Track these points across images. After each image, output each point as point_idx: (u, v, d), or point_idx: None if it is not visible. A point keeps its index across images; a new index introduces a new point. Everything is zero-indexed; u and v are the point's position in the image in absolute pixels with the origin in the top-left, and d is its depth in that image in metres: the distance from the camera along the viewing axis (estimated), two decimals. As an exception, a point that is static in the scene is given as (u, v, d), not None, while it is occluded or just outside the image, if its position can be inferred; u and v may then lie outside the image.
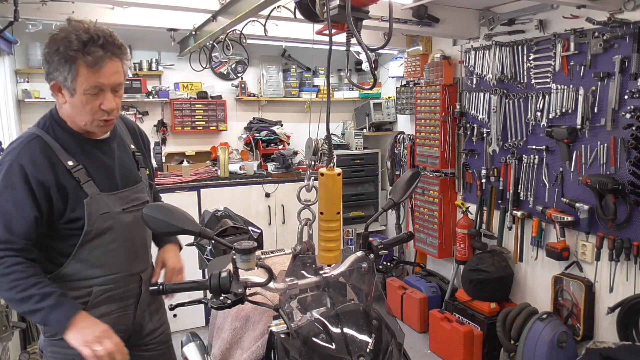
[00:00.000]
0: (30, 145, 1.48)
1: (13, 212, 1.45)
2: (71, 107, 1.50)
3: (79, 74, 1.42)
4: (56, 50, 1.42)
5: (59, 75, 1.44)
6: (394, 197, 1.68)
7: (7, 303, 1.47)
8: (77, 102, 1.47)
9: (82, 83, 1.43)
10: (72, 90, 1.45)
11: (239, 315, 1.80)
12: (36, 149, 1.48)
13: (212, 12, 2.92)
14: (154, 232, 1.40)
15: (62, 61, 1.42)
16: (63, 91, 1.47)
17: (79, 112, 1.50)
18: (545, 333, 2.81)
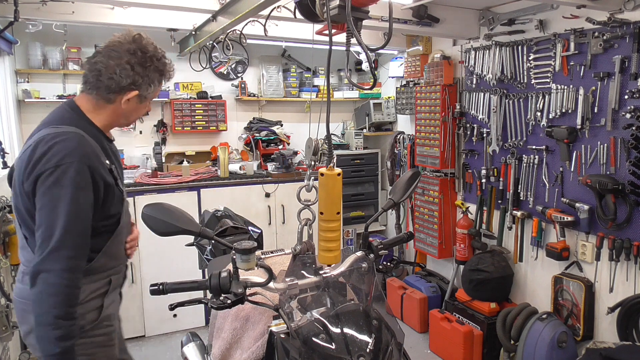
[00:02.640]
0: (86, 147, 1.47)
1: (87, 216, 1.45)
2: (130, 111, 1.66)
3: (158, 88, 1.68)
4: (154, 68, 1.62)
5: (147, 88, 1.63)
6: (394, 197, 1.68)
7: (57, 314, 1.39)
8: (141, 108, 1.68)
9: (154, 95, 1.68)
10: (145, 99, 1.65)
11: (239, 315, 1.80)
12: (89, 149, 1.48)
13: (212, 12, 2.92)
14: (154, 232, 1.40)
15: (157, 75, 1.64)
16: (134, 99, 1.61)
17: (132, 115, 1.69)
18: (545, 333, 2.81)
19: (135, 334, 3.75)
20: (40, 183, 1.41)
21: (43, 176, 1.40)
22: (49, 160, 1.41)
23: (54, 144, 1.43)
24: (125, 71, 1.55)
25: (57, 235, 1.38)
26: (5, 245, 2.62)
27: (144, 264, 3.71)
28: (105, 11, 3.16)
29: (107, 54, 1.57)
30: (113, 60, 1.55)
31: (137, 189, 3.66)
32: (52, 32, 3.62)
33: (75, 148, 1.44)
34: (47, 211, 1.40)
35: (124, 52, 1.56)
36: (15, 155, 3.58)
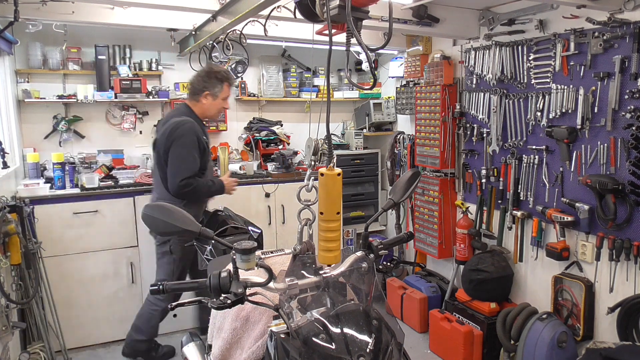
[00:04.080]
0: (195, 127, 2.90)
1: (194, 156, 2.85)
2: (210, 105, 3.06)
3: (224, 90, 3.07)
4: (215, 76, 3.03)
5: (214, 89, 3.03)
6: (394, 197, 1.68)
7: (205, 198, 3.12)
8: (217, 103, 3.07)
9: (223, 93, 3.08)
10: (216, 96, 3.05)
11: (239, 315, 1.80)
12: (197, 128, 2.92)
13: (212, 12, 2.92)
14: (154, 232, 1.40)
15: (218, 81, 3.03)
16: (208, 97, 3.04)
17: (213, 107, 3.08)
18: (545, 333, 2.81)
19: (135, 334, 3.75)
20: (173, 145, 2.83)
21: (175, 142, 2.83)
22: (179, 133, 2.84)
23: (181, 125, 2.86)
24: (199, 82, 3.03)
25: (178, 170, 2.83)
26: (5, 245, 2.62)
27: (144, 264, 3.71)
28: (105, 11, 3.16)
29: (195, 74, 3.09)
30: (195, 77, 3.08)
31: (137, 189, 3.66)
32: (52, 32, 3.62)
33: (191, 128, 2.87)
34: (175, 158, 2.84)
35: (200, 72, 3.09)
36: (16, 155, 3.59)
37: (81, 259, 3.52)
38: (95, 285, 3.59)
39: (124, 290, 3.68)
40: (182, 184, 2.76)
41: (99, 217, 3.55)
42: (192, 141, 2.83)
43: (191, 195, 2.83)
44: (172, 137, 2.83)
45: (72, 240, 3.48)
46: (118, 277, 3.65)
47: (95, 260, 3.57)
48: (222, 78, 3.01)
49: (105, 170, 3.75)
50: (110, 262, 3.62)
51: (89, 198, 3.53)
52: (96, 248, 3.56)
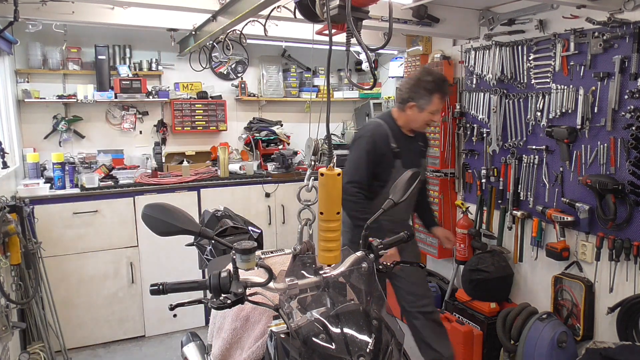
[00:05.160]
0: (378, 129, 2.63)
1: (364, 166, 2.54)
2: (414, 117, 2.64)
3: (432, 102, 2.59)
4: (425, 87, 2.58)
5: (421, 100, 2.59)
6: (394, 197, 1.69)
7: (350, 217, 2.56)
8: (423, 116, 2.62)
9: (432, 106, 2.60)
10: (423, 108, 2.60)
11: (239, 315, 1.80)
12: (380, 130, 2.63)
13: (212, 12, 2.92)
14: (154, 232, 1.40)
15: (427, 92, 2.57)
16: (414, 108, 2.61)
17: (416, 120, 2.65)
18: (545, 333, 2.81)
19: (135, 334, 3.76)
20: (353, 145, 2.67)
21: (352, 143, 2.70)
22: (357, 135, 2.73)
23: (363, 127, 2.78)
24: (406, 89, 2.63)
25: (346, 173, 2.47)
26: (5, 245, 2.62)
27: (144, 264, 3.71)
28: (105, 11, 3.16)
29: (404, 79, 2.76)
30: (404, 83, 2.69)
31: (137, 189, 3.67)
32: (52, 32, 3.62)
33: (371, 125, 2.68)
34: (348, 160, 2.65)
35: (410, 78, 2.67)
36: (15, 155, 3.59)
37: (81, 259, 3.53)
38: (95, 285, 3.59)
39: (124, 290, 3.68)
40: (346, 187, 2.46)
41: (99, 217, 3.56)
42: (366, 144, 2.57)
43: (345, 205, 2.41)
44: (355, 137, 2.73)
45: (72, 240, 3.48)
46: (118, 277, 3.65)
47: (95, 260, 3.57)
48: (432, 89, 2.57)
49: (105, 170, 3.75)
50: (110, 262, 3.62)
51: (89, 198, 3.53)
52: (96, 248, 3.57)
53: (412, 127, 2.69)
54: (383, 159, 2.58)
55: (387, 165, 2.59)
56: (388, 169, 2.60)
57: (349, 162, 2.63)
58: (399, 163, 2.60)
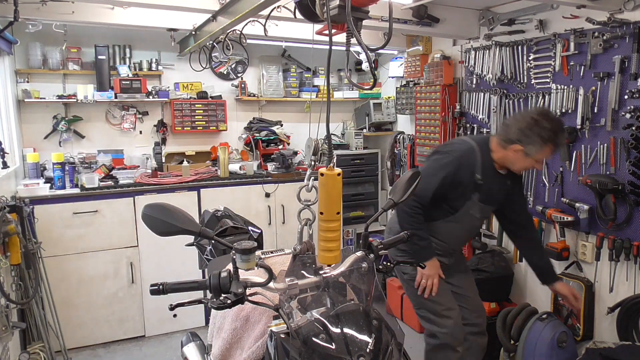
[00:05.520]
0: (468, 155, 2.31)
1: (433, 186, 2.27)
2: (515, 159, 2.29)
3: (542, 152, 2.24)
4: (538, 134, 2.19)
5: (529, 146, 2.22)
6: (394, 197, 1.69)
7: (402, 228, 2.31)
8: (526, 160, 2.27)
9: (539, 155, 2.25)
10: (529, 155, 2.24)
11: (239, 315, 1.80)
12: (470, 157, 2.31)
13: (212, 12, 2.92)
14: (154, 232, 1.40)
15: (540, 141, 2.20)
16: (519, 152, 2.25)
17: (516, 164, 2.32)
18: (545, 333, 2.81)
19: (135, 334, 3.76)
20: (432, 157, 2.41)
21: (433, 154, 2.42)
22: (443, 149, 2.41)
23: (454, 145, 2.40)
24: (516, 129, 2.23)
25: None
26: (5, 245, 2.62)
27: (144, 264, 3.71)
28: (105, 11, 3.16)
29: (517, 115, 2.38)
30: (515, 120, 2.29)
31: (137, 189, 3.67)
32: (52, 32, 3.62)
33: (462, 148, 2.33)
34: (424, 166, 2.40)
35: (525, 117, 2.24)
36: (15, 155, 3.59)
37: (81, 259, 3.53)
38: (95, 285, 3.59)
39: (124, 290, 3.68)
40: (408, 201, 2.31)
41: (99, 217, 3.56)
42: (447, 164, 2.29)
43: (399, 215, 2.35)
44: (438, 149, 2.45)
45: (72, 240, 3.48)
46: (118, 277, 3.65)
47: (95, 260, 3.57)
48: (547, 139, 2.20)
49: (105, 170, 3.75)
50: (110, 262, 3.62)
51: (89, 198, 3.53)
52: (96, 248, 3.57)
53: (506, 165, 2.36)
54: (460, 188, 2.31)
55: (462, 196, 2.34)
56: (462, 199, 2.35)
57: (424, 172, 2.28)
58: (476, 196, 2.34)
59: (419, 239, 2.31)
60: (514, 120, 2.31)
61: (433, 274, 2.36)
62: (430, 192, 2.28)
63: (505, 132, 2.29)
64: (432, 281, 2.36)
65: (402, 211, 2.31)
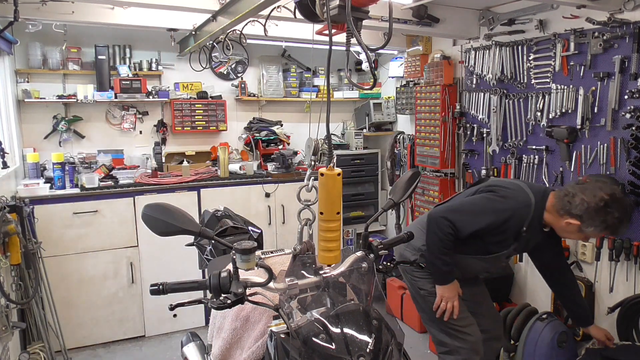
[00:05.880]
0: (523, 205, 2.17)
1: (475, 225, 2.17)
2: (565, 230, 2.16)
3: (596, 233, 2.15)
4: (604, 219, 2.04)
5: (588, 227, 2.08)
6: (394, 197, 1.69)
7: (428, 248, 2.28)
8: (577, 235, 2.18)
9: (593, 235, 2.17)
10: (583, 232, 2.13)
11: (239, 315, 1.80)
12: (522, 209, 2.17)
13: (212, 12, 2.92)
14: (154, 232, 1.40)
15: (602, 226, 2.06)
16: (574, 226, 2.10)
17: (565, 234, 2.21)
18: (545, 333, 2.81)
19: (135, 334, 3.75)
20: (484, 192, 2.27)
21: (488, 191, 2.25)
22: (504, 190, 2.22)
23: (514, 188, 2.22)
24: (581, 205, 2.06)
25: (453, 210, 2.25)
26: (5, 245, 2.62)
27: (144, 264, 3.71)
28: (105, 11, 3.16)
29: (585, 188, 2.13)
30: (583, 194, 2.08)
31: (137, 189, 3.67)
32: (52, 32, 3.62)
33: (520, 199, 2.17)
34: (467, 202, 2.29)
35: (595, 195, 2.05)
36: (15, 155, 3.59)
37: (81, 259, 3.52)
38: (95, 285, 3.59)
39: (124, 290, 3.68)
40: (441, 221, 2.18)
41: (99, 217, 3.55)
42: (500, 210, 2.16)
43: (429, 235, 2.24)
44: (494, 188, 2.26)
45: (72, 240, 3.48)
46: (118, 277, 3.65)
47: (95, 260, 3.57)
48: (609, 226, 2.06)
49: (105, 170, 3.75)
50: (110, 262, 3.62)
51: (89, 198, 3.53)
52: (96, 248, 3.56)
53: (554, 230, 2.23)
54: (502, 236, 2.22)
55: (500, 243, 2.25)
56: (499, 246, 2.26)
57: (468, 203, 2.28)
58: (514, 245, 2.26)
59: (443, 264, 2.23)
60: (580, 193, 2.08)
61: (453, 297, 2.27)
62: (471, 231, 2.18)
63: (568, 203, 2.10)
64: (452, 304, 2.27)
65: (434, 233, 2.21)
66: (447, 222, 2.17)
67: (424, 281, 2.38)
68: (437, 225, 2.19)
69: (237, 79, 4.62)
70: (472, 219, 2.18)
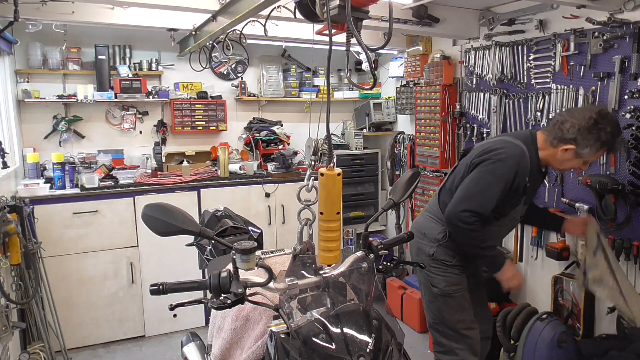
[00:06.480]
0: (523, 160, 2.14)
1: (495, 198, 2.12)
2: (563, 160, 2.16)
3: (595, 155, 2.13)
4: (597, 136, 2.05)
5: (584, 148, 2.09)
6: (394, 197, 1.69)
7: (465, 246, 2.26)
8: (574, 162, 2.16)
9: (590, 157, 2.14)
10: (580, 156, 2.12)
11: (239, 315, 1.80)
12: (523, 161, 2.14)
13: (212, 12, 2.92)
14: (154, 232, 1.40)
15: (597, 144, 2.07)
16: (569, 152, 2.12)
17: (564, 164, 2.19)
18: (545, 333, 2.81)
19: (135, 334, 3.76)
20: (481, 165, 2.16)
21: (485, 162, 2.15)
22: (497, 156, 2.14)
23: (507, 148, 2.15)
24: (572, 128, 2.07)
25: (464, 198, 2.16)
26: (5, 245, 2.62)
27: (144, 264, 3.71)
28: (105, 11, 3.16)
29: (572, 112, 2.20)
30: (572, 118, 2.10)
31: (137, 189, 3.67)
32: (52, 32, 3.62)
33: (516, 153, 2.14)
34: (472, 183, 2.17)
35: (584, 115, 2.07)
36: (15, 155, 3.59)
37: (81, 259, 3.53)
38: (95, 285, 3.59)
39: (124, 290, 3.68)
40: (462, 215, 2.13)
41: (99, 217, 3.56)
42: (505, 174, 2.12)
43: (459, 233, 2.20)
44: (485, 155, 2.18)
45: (72, 240, 3.48)
46: (118, 277, 3.65)
47: (95, 260, 3.57)
48: (605, 142, 2.08)
49: (105, 170, 3.75)
50: (110, 262, 3.62)
51: (89, 198, 3.53)
52: (96, 248, 3.57)
53: (550, 164, 2.25)
54: (514, 195, 2.19)
55: (513, 202, 2.22)
56: (512, 205, 2.24)
57: (473, 184, 2.17)
58: (523, 199, 2.26)
59: (487, 250, 2.21)
60: (569, 118, 2.11)
61: (512, 276, 2.25)
62: (492, 206, 2.14)
63: (559, 130, 2.12)
64: (516, 281, 2.27)
65: (462, 229, 2.15)
66: (466, 213, 2.12)
67: (440, 279, 2.34)
68: (461, 220, 2.13)
69: (237, 79, 4.62)
70: (486, 196, 2.13)
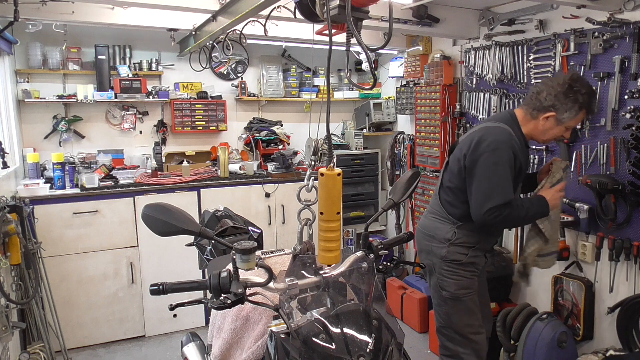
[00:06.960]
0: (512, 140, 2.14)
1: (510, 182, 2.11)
2: (546, 129, 2.20)
3: (576, 118, 2.16)
4: (574, 98, 2.10)
5: (563, 113, 2.14)
6: (394, 197, 1.69)
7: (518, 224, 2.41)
8: (557, 129, 2.19)
9: (571, 122, 2.17)
10: (561, 122, 2.16)
11: (239, 315, 1.80)
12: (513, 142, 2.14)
13: (212, 12, 2.92)
14: (154, 232, 1.40)
15: (575, 106, 2.12)
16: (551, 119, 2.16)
17: (547, 133, 2.21)
18: (545, 333, 2.81)
19: (135, 334, 3.76)
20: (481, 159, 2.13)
21: (485, 155, 2.12)
22: (488, 141, 2.12)
23: (496, 134, 2.14)
24: (549, 95, 2.12)
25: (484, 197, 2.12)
26: (5, 245, 2.62)
27: (144, 264, 3.71)
28: (105, 11, 3.16)
29: (545, 81, 2.19)
30: (546, 86, 2.14)
31: (137, 189, 3.67)
32: (52, 32, 3.62)
33: (504, 137, 2.13)
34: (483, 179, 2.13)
35: (558, 82, 2.12)
36: (15, 155, 3.59)
37: (81, 259, 3.53)
38: (95, 285, 3.59)
39: (124, 290, 3.68)
40: (491, 215, 2.10)
41: (99, 217, 3.56)
42: (506, 159, 2.11)
43: (501, 227, 2.26)
44: (479, 150, 2.15)
45: (72, 240, 3.48)
46: (118, 277, 3.65)
47: (95, 260, 3.57)
48: (582, 103, 2.12)
49: (105, 170, 3.75)
50: (110, 262, 3.62)
51: (89, 198, 3.53)
52: (96, 248, 3.57)
53: (535, 138, 2.26)
54: (518, 176, 2.21)
55: (517, 183, 2.24)
56: (516, 186, 2.24)
57: (486, 181, 2.13)
58: (519, 179, 2.27)
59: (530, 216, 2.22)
60: (544, 87, 2.16)
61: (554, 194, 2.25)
62: (512, 189, 2.14)
63: (537, 100, 2.17)
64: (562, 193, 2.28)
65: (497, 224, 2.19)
66: (492, 210, 2.10)
67: (450, 282, 2.32)
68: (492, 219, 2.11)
69: (237, 79, 4.62)
70: (502, 185, 2.11)
